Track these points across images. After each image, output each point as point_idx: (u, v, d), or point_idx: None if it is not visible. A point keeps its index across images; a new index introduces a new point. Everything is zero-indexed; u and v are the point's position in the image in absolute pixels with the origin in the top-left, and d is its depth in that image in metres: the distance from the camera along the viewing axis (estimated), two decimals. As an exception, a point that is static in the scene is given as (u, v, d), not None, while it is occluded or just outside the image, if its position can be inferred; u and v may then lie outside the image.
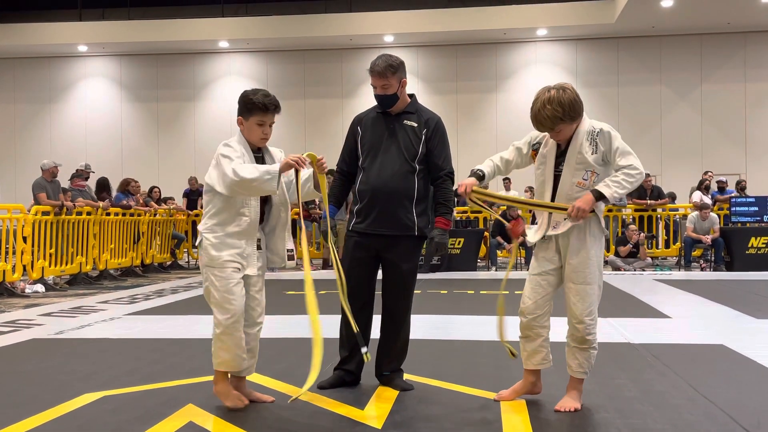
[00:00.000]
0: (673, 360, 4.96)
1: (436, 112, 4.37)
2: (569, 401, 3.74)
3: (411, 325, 4.29)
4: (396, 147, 4.13)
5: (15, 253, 9.99)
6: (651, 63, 20.90)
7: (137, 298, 9.22)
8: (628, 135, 3.80)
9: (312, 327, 3.55)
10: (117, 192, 13.19)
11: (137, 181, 13.73)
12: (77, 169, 12.37)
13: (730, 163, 20.15)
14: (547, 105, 3.63)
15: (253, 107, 3.78)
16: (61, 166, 11.55)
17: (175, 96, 22.46)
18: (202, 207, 5.84)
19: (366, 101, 4.03)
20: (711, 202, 14.60)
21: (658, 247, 14.87)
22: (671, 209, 15.35)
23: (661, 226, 15.29)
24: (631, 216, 14.97)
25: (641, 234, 13.60)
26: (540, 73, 20.40)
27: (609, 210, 14.03)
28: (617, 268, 13.38)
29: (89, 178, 12.61)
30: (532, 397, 3.92)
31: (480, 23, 20.20)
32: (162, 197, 15.43)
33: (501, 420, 3.56)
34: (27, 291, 9.87)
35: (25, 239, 9.97)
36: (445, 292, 9.55)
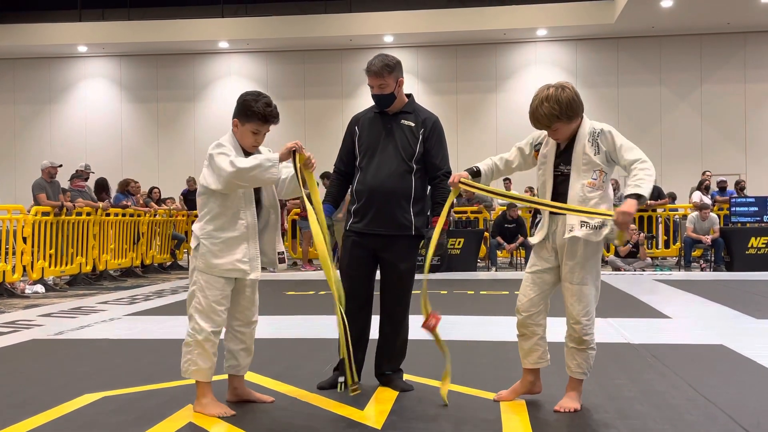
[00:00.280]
0: (673, 360, 4.96)
1: (435, 112, 4.37)
2: (569, 401, 3.73)
3: (410, 325, 4.29)
4: (393, 147, 4.13)
5: (15, 254, 9.99)
6: (651, 63, 20.90)
7: (137, 298, 9.22)
8: (628, 135, 3.79)
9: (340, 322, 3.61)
10: (117, 192, 13.20)
11: (137, 182, 13.74)
12: (77, 170, 12.37)
13: (729, 164, 20.15)
14: (545, 102, 3.63)
15: (253, 115, 3.68)
16: (61, 166, 11.54)
17: (175, 96, 22.46)
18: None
19: (366, 102, 4.04)
20: (711, 202, 14.61)
21: (658, 248, 14.87)
22: (671, 209, 15.36)
23: (661, 226, 15.28)
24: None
25: (641, 234, 13.61)
26: (540, 74, 20.37)
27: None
28: (617, 268, 13.38)
29: (89, 178, 12.60)
30: (531, 398, 3.92)
31: (480, 23, 20.20)
32: (162, 198, 15.45)
33: (501, 420, 3.56)
34: (27, 291, 9.87)
35: (25, 240, 9.97)
36: (445, 292, 9.54)
